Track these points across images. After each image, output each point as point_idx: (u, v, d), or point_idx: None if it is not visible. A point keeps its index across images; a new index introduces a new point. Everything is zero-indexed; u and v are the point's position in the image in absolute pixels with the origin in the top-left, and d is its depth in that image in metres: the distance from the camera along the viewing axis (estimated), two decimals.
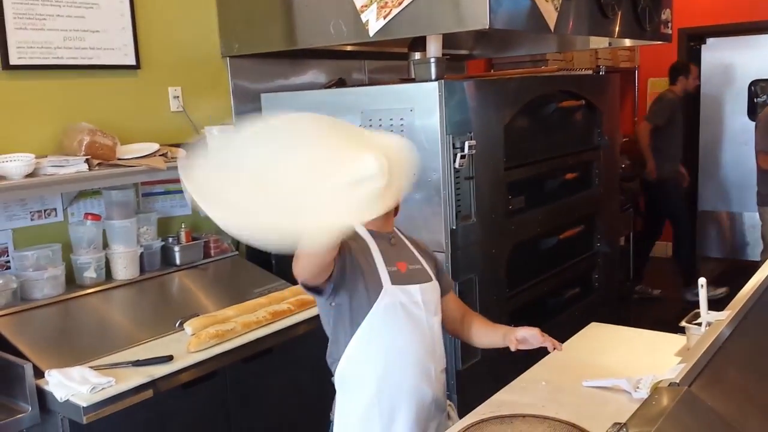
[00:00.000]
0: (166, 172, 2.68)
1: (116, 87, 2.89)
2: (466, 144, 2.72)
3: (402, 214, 1.91)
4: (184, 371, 2.21)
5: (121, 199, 2.73)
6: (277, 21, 3.08)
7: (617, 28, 3.29)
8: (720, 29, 6.23)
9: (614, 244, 4.10)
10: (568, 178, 3.50)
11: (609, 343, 2.26)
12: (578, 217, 3.64)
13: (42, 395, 2.04)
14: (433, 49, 2.83)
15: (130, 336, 2.39)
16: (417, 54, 3.23)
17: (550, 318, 3.47)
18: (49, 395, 2.02)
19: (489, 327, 1.96)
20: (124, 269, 2.70)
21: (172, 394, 2.18)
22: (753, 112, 6.15)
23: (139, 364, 2.16)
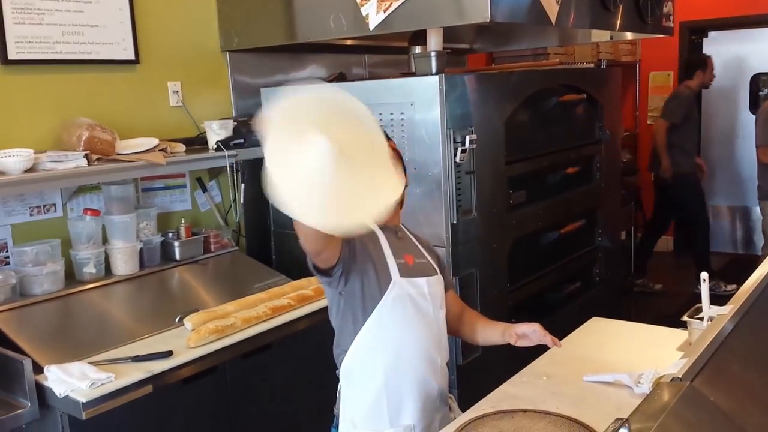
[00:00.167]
0: (166, 167, 2.68)
1: (115, 82, 2.88)
2: (467, 138, 2.71)
3: (403, 209, 1.90)
4: (184, 366, 2.20)
5: (120, 195, 2.72)
6: (276, 15, 3.06)
7: (619, 22, 3.27)
8: (722, 23, 6.21)
9: (615, 239, 4.09)
10: (569, 173, 3.49)
11: (610, 338, 2.25)
12: (579, 211, 3.63)
13: (41, 391, 2.04)
14: (434, 42, 2.81)
15: (130, 331, 2.39)
16: (417, 48, 3.21)
17: (551, 312, 3.47)
18: (49, 391, 2.02)
19: (487, 324, 1.96)
20: (123, 264, 2.70)
21: (171, 390, 2.18)
22: (755, 106, 6.13)
23: (138, 359, 2.15)
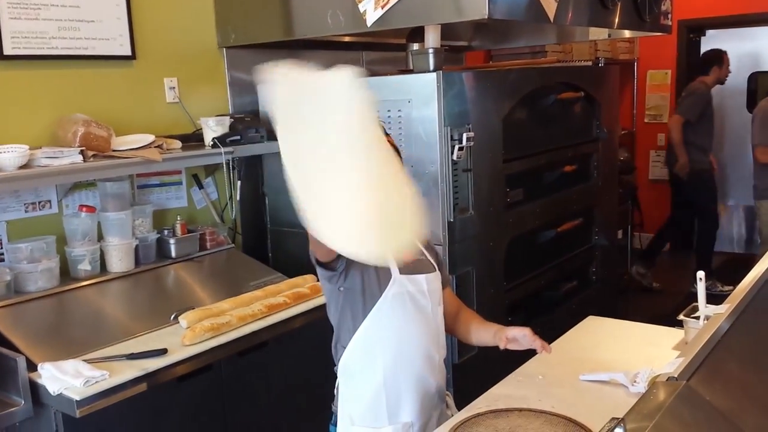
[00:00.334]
0: (162, 163, 2.66)
1: (111, 77, 2.87)
2: (464, 136, 2.70)
3: None
4: (179, 364, 2.19)
5: (116, 191, 2.70)
6: (273, 11, 3.05)
7: (617, 19, 3.26)
8: (720, 21, 6.20)
9: (612, 238, 4.09)
10: (566, 171, 3.48)
11: (606, 337, 2.25)
12: (576, 209, 3.62)
13: (35, 389, 2.02)
14: (432, 39, 2.80)
15: (125, 329, 2.38)
16: (415, 45, 3.20)
17: (548, 311, 3.47)
18: (42, 389, 2.00)
19: (481, 325, 1.96)
20: (119, 262, 2.69)
21: (166, 388, 2.17)
22: (753, 105, 6.13)
23: (133, 357, 2.14)
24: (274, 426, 2.58)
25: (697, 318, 1.96)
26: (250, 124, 3.01)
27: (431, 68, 2.73)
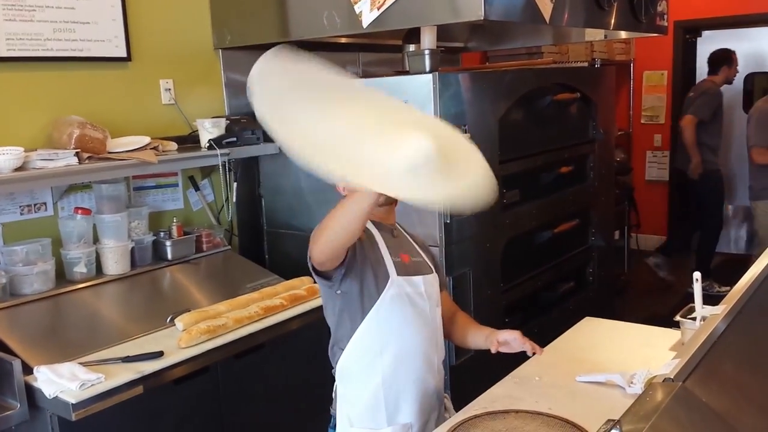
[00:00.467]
0: (158, 165, 2.66)
1: (107, 79, 2.86)
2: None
3: (396, 209, 1.89)
4: (175, 367, 2.18)
5: (111, 193, 2.70)
6: (269, 12, 3.05)
7: (613, 20, 3.26)
8: (716, 22, 6.21)
9: (609, 238, 4.09)
10: (562, 172, 3.48)
11: (603, 338, 2.25)
12: (573, 210, 3.62)
13: (31, 392, 2.02)
14: (428, 41, 2.80)
15: (121, 332, 2.37)
16: (411, 46, 3.20)
17: (545, 312, 3.47)
18: (38, 392, 2.00)
19: (474, 328, 1.96)
20: (114, 264, 2.68)
21: (162, 391, 2.16)
22: (749, 106, 6.14)
23: (129, 360, 2.13)
24: (270, 428, 2.57)
25: (694, 319, 1.96)
26: (247, 126, 3.01)
27: (427, 69, 2.73)
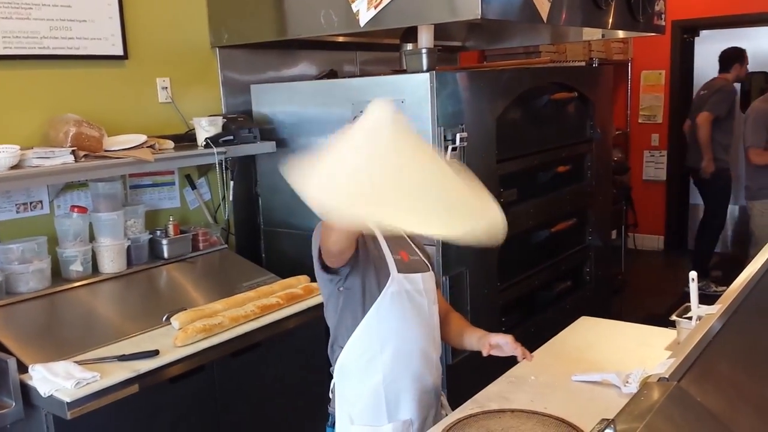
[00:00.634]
0: (154, 164, 2.65)
1: (103, 77, 2.85)
2: (458, 136, 2.70)
3: None
4: (171, 366, 2.18)
5: (108, 192, 2.69)
6: (266, 11, 3.04)
7: (610, 20, 3.26)
8: (713, 21, 6.21)
9: (606, 238, 4.09)
10: (560, 171, 3.48)
11: (599, 338, 2.25)
12: (570, 210, 3.62)
13: (26, 390, 2.01)
14: (425, 39, 2.80)
15: (117, 330, 2.36)
16: (409, 45, 3.20)
17: (542, 311, 3.47)
18: (33, 390, 1.99)
19: (467, 329, 1.97)
20: (110, 262, 2.67)
21: (158, 389, 2.16)
22: (746, 106, 6.14)
23: (124, 358, 2.13)
24: (266, 427, 2.57)
25: (690, 318, 1.96)
26: (243, 124, 3.01)
27: (424, 68, 2.73)
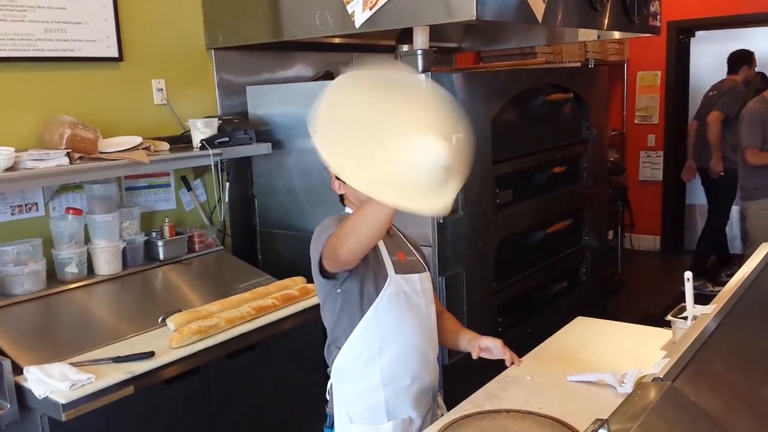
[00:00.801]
0: (150, 165, 2.65)
1: (98, 79, 2.85)
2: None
3: None
4: (166, 367, 2.17)
5: (103, 194, 2.68)
6: (262, 12, 3.04)
7: (606, 21, 3.27)
8: (709, 22, 6.23)
9: (602, 238, 4.09)
10: (556, 172, 3.48)
11: (595, 338, 2.25)
12: (566, 210, 3.63)
13: (21, 392, 2.01)
14: (420, 41, 2.80)
15: (112, 332, 2.36)
16: (405, 47, 3.19)
17: (538, 312, 3.47)
18: (28, 392, 1.99)
19: (458, 330, 1.99)
20: (106, 264, 2.67)
21: (153, 391, 2.15)
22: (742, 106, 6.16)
23: (119, 360, 2.12)
24: (262, 429, 2.56)
25: (685, 318, 1.97)
26: (239, 126, 3.00)
27: (420, 69, 2.73)
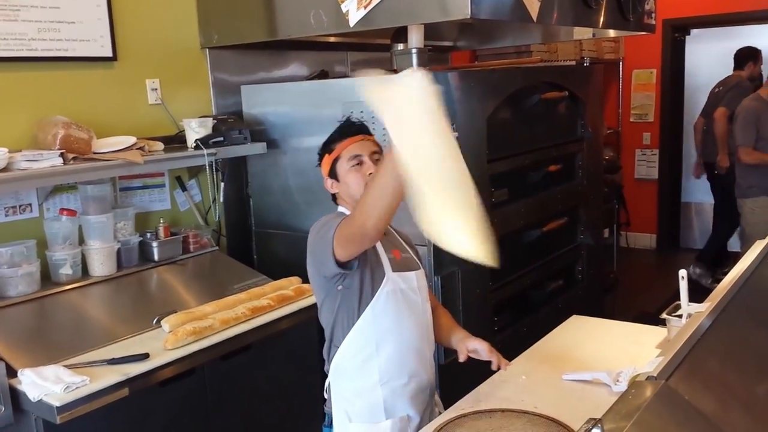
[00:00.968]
0: (144, 166, 2.64)
1: (92, 79, 2.84)
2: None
3: None
4: (161, 369, 2.17)
5: (97, 194, 2.68)
6: (256, 11, 3.03)
7: (601, 19, 3.26)
8: (704, 20, 6.23)
9: (598, 237, 4.09)
10: (551, 170, 3.48)
11: (590, 336, 2.25)
12: (562, 209, 3.62)
13: (15, 395, 2.00)
14: (415, 39, 2.79)
15: (106, 333, 2.35)
16: (400, 45, 3.19)
17: (534, 311, 3.47)
18: (23, 395, 1.98)
19: (451, 327, 1.99)
20: (100, 265, 2.66)
21: (148, 393, 2.15)
22: None
23: (114, 362, 2.11)
24: (258, 429, 2.55)
25: (680, 316, 1.97)
26: (234, 126, 2.99)
27: (415, 68, 2.72)
